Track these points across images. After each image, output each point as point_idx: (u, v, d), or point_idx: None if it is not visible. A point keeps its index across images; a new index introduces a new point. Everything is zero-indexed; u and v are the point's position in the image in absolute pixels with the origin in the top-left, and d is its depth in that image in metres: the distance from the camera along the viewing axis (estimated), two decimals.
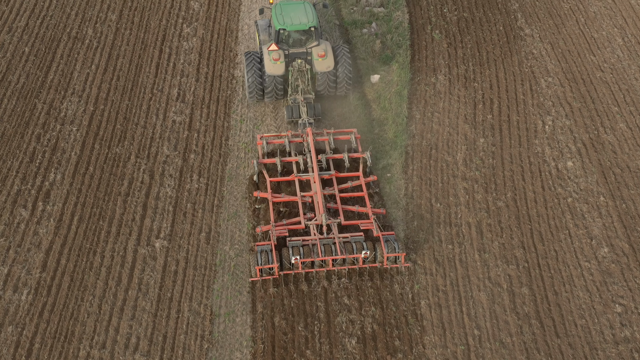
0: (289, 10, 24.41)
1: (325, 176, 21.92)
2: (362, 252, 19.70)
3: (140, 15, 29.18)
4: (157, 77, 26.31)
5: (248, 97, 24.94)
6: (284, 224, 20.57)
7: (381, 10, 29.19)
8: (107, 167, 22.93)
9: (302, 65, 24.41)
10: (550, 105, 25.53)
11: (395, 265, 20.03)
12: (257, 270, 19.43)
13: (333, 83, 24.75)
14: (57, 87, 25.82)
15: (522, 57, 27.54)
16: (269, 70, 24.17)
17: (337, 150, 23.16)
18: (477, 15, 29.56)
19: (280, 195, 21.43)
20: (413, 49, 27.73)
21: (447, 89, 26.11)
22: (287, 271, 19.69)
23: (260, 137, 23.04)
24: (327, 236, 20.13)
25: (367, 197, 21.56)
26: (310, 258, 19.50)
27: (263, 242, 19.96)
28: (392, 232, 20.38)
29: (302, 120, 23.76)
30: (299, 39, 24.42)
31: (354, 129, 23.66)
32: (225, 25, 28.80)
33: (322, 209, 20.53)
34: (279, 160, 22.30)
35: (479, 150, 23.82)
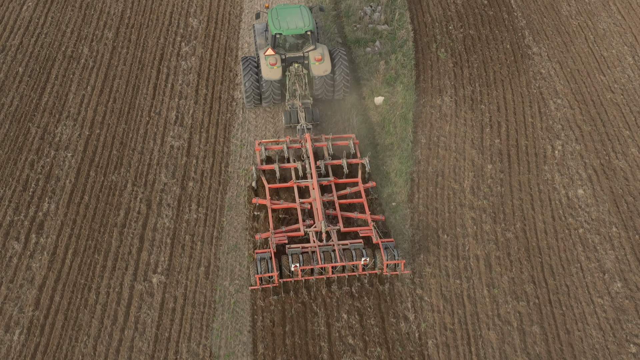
0: (285, 14, 24.20)
1: (324, 182, 21.84)
2: (361, 259, 19.51)
3: (137, 33, 28.41)
4: (154, 99, 25.55)
5: (245, 102, 24.80)
6: (283, 231, 20.43)
7: (385, 28, 28.41)
8: (102, 196, 22.19)
9: (299, 69, 24.27)
10: (559, 128, 24.78)
11: (395, 272, 19.89)
12: (257, 278, 19.21)
13: (330, 87, 24.58)
14: (52, 109, 25.06)
15: (530, 77, 26.79)
16: (266, 75, 24.02)
17: (335, 156, 23.05)
18: (484, 33, 28.79)
19: (279, 202, 21.33)
20: (418, 69, 26.97)
21: (454, 111, 25.36)
22: (286, 279, 19.53)
23: (258, 142, 22.92)
24: (326, 243, 20.02)
25: (366, 203, 21.38)
26: (309, 265, 19.39)
27: (262, 250, 19.79)
28: (391, 239, 20.25)
29: (300, 126, 23.51)
30: (295, 43, 24.26)
31: (353, 134, 23.56)
32: (224, 44, 28.02)
33: (321, 216, 20.47)
34: (277, 167, 22.18)
35: (487, 177, 23.08)
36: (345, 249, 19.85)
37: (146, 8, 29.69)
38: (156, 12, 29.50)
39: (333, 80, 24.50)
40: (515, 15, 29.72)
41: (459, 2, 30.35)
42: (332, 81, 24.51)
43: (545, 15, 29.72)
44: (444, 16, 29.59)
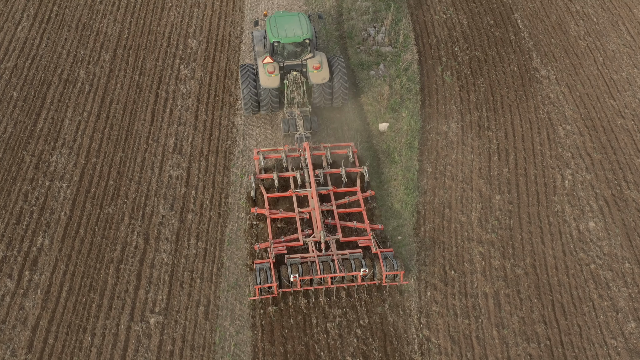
0: (283, 22, 24.07)
1: (322, 191, 21.77)
2: (360, 270, 19.45)
3: (135, 55, 27.69)
4: (152, 126, 24.83)
5: (244, 110, 24.71)
6: (282, 240, 20.38)
7: (389, 50, 27.68)
8: (98, 229, 21.48)
9: (298, 77, 24.19)
10: (569, 156, 24.08)
11: (394, 283, 19.86)
12: (256, 289, 19.14)
13: (329, 95, 24.54)
14: (47, 137, 24.35)
15: (539, 102, 26.08)
16: (264, 83, 23.94)
17: (334, 165, 23.03)
18: (490, 55, 28.08)
19: (278, 212, 21.27)
20: (423, 93, 26.26)
21: (460, 138, 24.66)
22: (285, 289, 19.50)
23: (257, 151, 22.86)
24: (325, 253, 19.94)
25: (364, 212, 21.30)
26: (309, 276, 19.34)
27: (261, 260, 19.74)
28: (390, 249, 20.16)
29: (298, 134, 23.44)
30: (293, 51, 24.14)
31: (351, 142, 23.46)
32: (224, 67, 27.30)
33: (320, 226, 20.42)
34: (276, 176, 22.10)
35: (495, 209, 22.38)
36: (345, 259, 19.80)
37: (144, 28, 28.98)
38: (154, 32, 28.79)
39: (331, 88, 24.43)
40: (523, 35, 29.02)
41: (465, 22, 29.64)
42: (331, 89, 24.45)
43: (553, 36, 29.02)
44: (450, 37, 28.88)
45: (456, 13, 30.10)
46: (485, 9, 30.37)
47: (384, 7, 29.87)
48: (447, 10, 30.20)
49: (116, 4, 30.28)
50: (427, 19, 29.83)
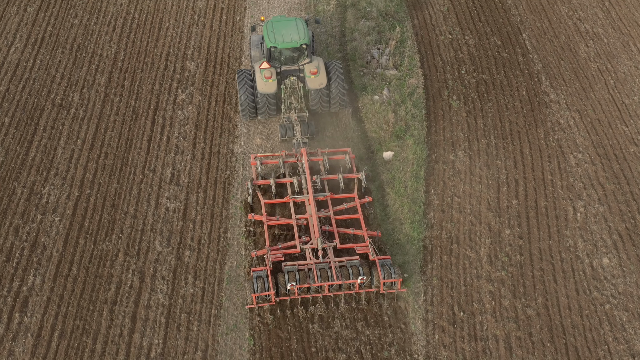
0: (280, 27, 23.98)
1: (320, 198, 21.62)
2: (358, 278, 19.40)
3: (131, 78, 26.79)
4: (148, 154, 23.95)
5: (241, 115, 24.64)
6: (280, 248, 20.32)
7: (394, 74, 26.79)
8: (92, 267, 20.60)
9: (295, 82, 24.04)
10: (581, 187, 23.21)
11: (391, 290, 19.80)
12: (253, 297, 19.11)
13: (326, 100, 24.47)
14: (39, 166, 23.46)
15: (548, 128, 25.20)
16: (261, 89, 23.87)
17: (333, 168, 23.00)
18: (498, 78, 27.19)
19: (275, 218, 21.18)
20: (429, 119, 25.39)
21: (468, 167, 23.78)
22: (283, 297, 19.44)
23: (254, 157, 22.73)
24: (322, 260, 19.86)
25: (362, 219, 21.23)
26: (306, 284, 19.29)
27: (259, 268, 19.70)
28: (388, 257, 20.15)
29: (296, 140, 23.36)
30: (290, 56, 24.04)
31: (349, 148, 23.36)
32: (224, 90, 26.41)
33: (318, 233, 20.30)
34: (273, 182, 22.00)
35: (505, 244, 21.51)
36: (342, 266, 19.76)
37: (141, 50, 28.09)
38: (151, 54, 27.90)
39: (329, 93, 24.31)
40: (531, 57, 28.14)
41: (471, 43, 28.76)
42: (328, 94, 24.32)
43: (563, 58, 28.14)
44: (456, 59, 27.99)
45: (462, 33, 29.22)
46: (492, 29, 29.49)
47: (388, 27, 29.00)
48: (453, 31, 29.33)
49: (112, 24, 29.40)
50: (432, 39, 28.95)
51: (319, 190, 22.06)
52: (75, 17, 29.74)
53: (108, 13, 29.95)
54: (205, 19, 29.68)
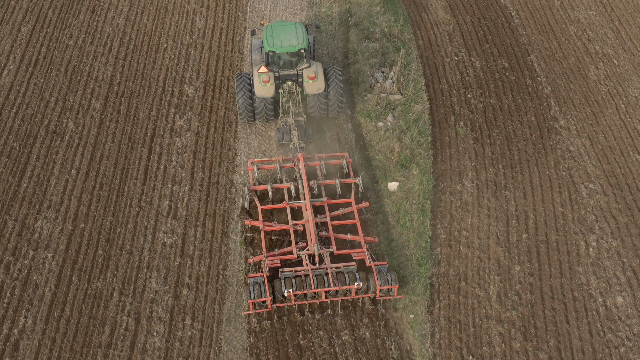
0: (279, 32, 23.85)
1: (317, 203, 21.58)
2: (355, 284, 19.33)
3: (127, 103, 25.96)
4: (145, 185, 23.13)
5: (239, 119, 24.65)
6: (276, 254, 20.28)
7: (398, 99, 25.96)
8: (86, 307, 19.78)
9: (293, 87, 23.98)
10: (592, 220, 22.40)
11: (388, 297, 19.71)
12: (250, 304, 19.08)
13: (324, 105, 24.40)
14: (32, 198, 22.64)
15: (559, 156, 24.39)
16: (259, 93, 23.84)
17: (328, 175, 22.83)
18: (506, 102, 26.37)
19: (272, 224, 21.15)
20: (435, 147, 24.57)
21: (476, 198, 22.97)
22: (279, 304, 19.43)
23: (251, 162, 22.73)
24: (319, 267, 19.83)
25: (359, 224, 21.12)
26: (302, 290, 19.27)
27: (255, 274, 19.64)
28: (384, 262, 20.09)
29: (292, 144, 23.25)
30: (289, 60, 23.90)
31: (346, 152, 23.32)
32: (223, 116, 25.60)
33: (314, 239, 20.22)
34: (270, 187, 21.92)
35: (515, 281, 20.70)
36: (339, 272, 19.73)
37: (137, 73, 27.26)
38: (148, 77, 27.07)
39: (327, 98, 24.26)
40: (540, 80, 27.32)
41: (478, 65, 27.94)
42: (326, 99, 24.27)
43: (572, 81, 27.32)
44: (462, 82, 27.17)
45: (468, 55, 28.40)
46: (500, 50, 28.67)
47: (392, 49, 28.17)
48: (459, 52, 28.50)
49: (108, 45, 28.58)
50: (437, 61, 28.14)
51: (316, 196, 22.07)
52: (70, 37, 28.91)
53: (104, 33, 29.13)
54: (204, 40, 28.86)
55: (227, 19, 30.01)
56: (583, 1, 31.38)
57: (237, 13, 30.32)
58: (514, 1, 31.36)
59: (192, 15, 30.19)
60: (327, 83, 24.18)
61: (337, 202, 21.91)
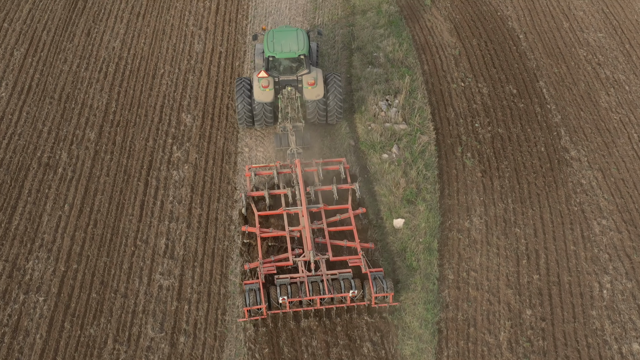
0: (280, 37, 23.92)
1: (313, 209, 21.55)
2: (350, 292, 19.27)
3: (123, 133, 25.09)
4: (141, 222, 22.27)
5: (239, 124, 24.75)
6: (272, 260, 20.23)
7: (404, 129, 25.08)
8: (78, 356, 18.87)
9: (292, 93, 23.96)
10: (606, 259, 21.54)
11: (383, 304, 19.67)
12: (245, 311, 19.06)
13: (323, 111, 24.45)
14: (23, 236, 21.77)
15: (570, 190, 23.52)
16: (258, 98, 23.88)
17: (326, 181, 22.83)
18: (514, 132, 25.51)
19: (268, 230, 21.18)
20: (442, 180, 23.71)
21: (484, 236, 22.11)
22: (275, 310, 19.36)
23: (248, 168, 22.81)
24: (315, 273, 19.76)
25: (355, 231, 21.06)
26: (298, 298, 19.20)
27: (251, 281, 19.54)
28: (380, 269, 20.00)
29: (290, 150, 23.26)
30: (289, 66, 23.94)
31: (343, 158, 23.32)
32: (222, 147, 24.73)
33: (310, 245, 20.23)
34: (267, 193, 21.98)
35: (526, 326, 19.83)
36: (334, 279, 19.74)
37: (134, 100, 26.39)
38: (145, 105, 26.20)
39: (326, 104, 24.30)
40: (549, 108, 26.45)
41: (485, 92, 27.07)
42: (325, 106, 24.32)
43: (582, 108, 26.45)
44: (469, 110, 26.30)
45: (475, 81, 27.53)
46: (507, 76, 27.81)
47: (396, 75, 27.30)
48: (466, 77, 27.64)
49: (103, 70, 27.71)
50: (443, 87, 27.27)
51: (313, 202, 22.07)
52: (65, 62, 28.05)
53: (99, 58, 28.26)
54: (202, 65, 28.00)
55: (226, 42, 29.16)
56: (592, 23, 30.53)
57: (237, 36, 29.47)
58: (521, 23, 30.51)
59: (190, 38, 29.34)
60: (327, 90, 24.18)
61: (334, 208, 21.85)
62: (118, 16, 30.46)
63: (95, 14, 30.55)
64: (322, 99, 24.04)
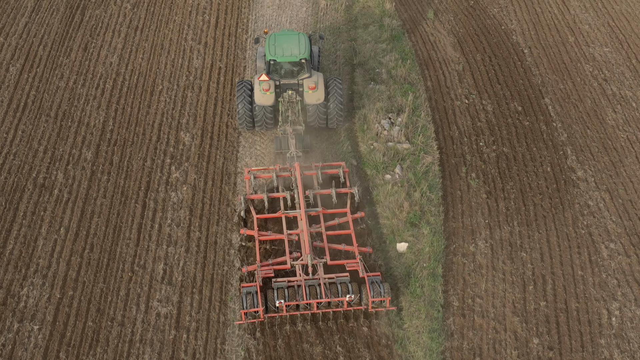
0: (282, 41, 24.00)
1: (312, 213, 21.58)
2: (346, 296, 19.32)
3: (120, 153, 24.57)
4: (138, 246, 21.75)
5: (239, 126, 24.87)
6: (270, 263, 20.36)
7: (407, 148, 24.58)
8: None
9: (293, 96, 24.08)
10: (614, 284, 21.03)
11: (380, 308, 19.69)
12: (242, 313, 19.13)
13: (324, 115, 24.55)
14: (17, 262, 21.25)
15: (577, 212, 23.02)
16: (258, 101, 23.98)
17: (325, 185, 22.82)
18: (520, 151, 25.00)
19: (267, 233, 21.32)
20: (446, 202, 23.21)
21: (490, 261, 21.60)
22: (272, 314, 19.44)
23: (248, 171, 22.73)
24: (312, 277, 19.85)
25: (353, 235, 21.16)
26: (294, 301, 19.28)
27: (249, 284, 19.63)
28: (377, 274, 20.10)
29: (290, 153, 23.24)
30: (290, 70, 23.98)
31: (343, 162, 23.25)
32: (221, 167, 24.22)
33: (308, 249, 20.28)
34: (266, 197, 22.02)
35: (533, 356, 19.31)
36: (331, 283, 19.79)
37: (131, 118, 25.87)
38: (142, 123, 25.68)
39: (326, 108, 24.37)
40: (555, 126, 25.94)
41: (490, 109, 26.56)
42: (326, 109, 24.38)
43: (589, 126, 25.94)
44: (473, 128, 25.79)
45: (480, 97, 27.02)
46: (512, 92, 27.30)
47: (399, 92, 26.78)
48: (470, 94, 27.12)
49: (100, 87, 27.19)
50: (447, 104, 26.76)
51: (312, 205, 22.08)
52: (61, 78, 27.53)
53: (96, 74, 27.75)
54: (201, 81, 27.49)
55: (225, 57, 28.65)
56: (598, 37, 30.03)
57: (237, 51, 28.96)
58: (526, 37, 30.00)
59: (189, 53, 28.82)
60: (327, 94, 24.22)
61: (332, 211, 21.89)
62: (116, 30, 29.95)
63: (92, 28, 30.05)
64: (323, 102, 24.09)
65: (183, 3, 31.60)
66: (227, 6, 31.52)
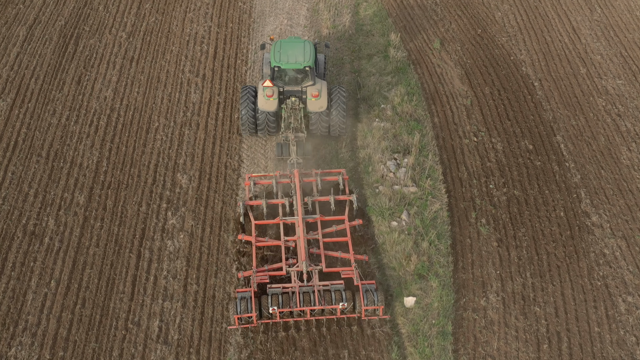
0: (287, 48, 24.15)
1: (310, 220, 21.72)
2: (340, 304, 19.40)
3: (114, 197, 23.50)
4: (133, 301, 20.70)
5: (241, 131, 25.09)
6: (265, 269, 20.45)
7: (414, 192, 23.53)
8: None
9: (296, 103, 24.20)
10: (633, 342, 20.00)
11: (373, 317, 19.83)
12: (235, 318, 19.30)
13: (326, 124, 24.68)
14: (5, 319, 20.18)
15: (592, 262, 21.98)
16: (261, 106, 24.22)
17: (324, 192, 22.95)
18: (532, 194, 23.94)
19: (264, 239, 21.52)
20: (455, 252, 22.17)
21: (502, 316, 20.56)
22: (265, 320, 19.56)
23: (248, 177, 22.92)
24: (307, 284, 19.91)
25: (350, 242, 21.24)
26: (288, 308, 19.41)
27: (244, 289, 19.81)
28: (372, 282, 20.16)
29: (290, 160, 23.43)
30: (294, 77, 24.18)
31: (343, 169, 23.41)
32: (220, 212, 23.16)
33: (304, 256, 20.42)
34: (265, 203, 22.16)
35: None
36: (326, 290, 19.85)
37: (126, 159, 24.80)
38: (138, 164, 24.62)
39: (329, 117, 24.49)
40: (567, 166, 24.89)
41: (499, 148, 25.51)
42: (328, 118, 24.52)
43: (603, 166, 24.89)
44: (483, 169, 24.73)
45: (489, 135, 25.96)
46: (522, 129, 26.24)
47: (405, 130, 25.73)
48: (479, 132, 26.06)
49: (94, 123, 26.12)
50: (455, 143, 25.70)
51: (310, 212, 22.29)
52: (54, 114, 26.45)
53: (90, 109, 26.67)
54: (199, 117, 26.43)
55: (224, 91, 27.58)
56: (611, 68, 28.96)
57: (236, 84, 27.89)
58: (536, 69, 28.94)
59: (186, 86, 27.75)
60: (330, 103, 24.34)
61: (330, 218, 22.05)
62: (110, 61, 28.88)
63: (86, 59, 28.97)
64: (325, 111, 24.21)
65: (180, 32, 30.54)
66: (225, 35, 30.47)
